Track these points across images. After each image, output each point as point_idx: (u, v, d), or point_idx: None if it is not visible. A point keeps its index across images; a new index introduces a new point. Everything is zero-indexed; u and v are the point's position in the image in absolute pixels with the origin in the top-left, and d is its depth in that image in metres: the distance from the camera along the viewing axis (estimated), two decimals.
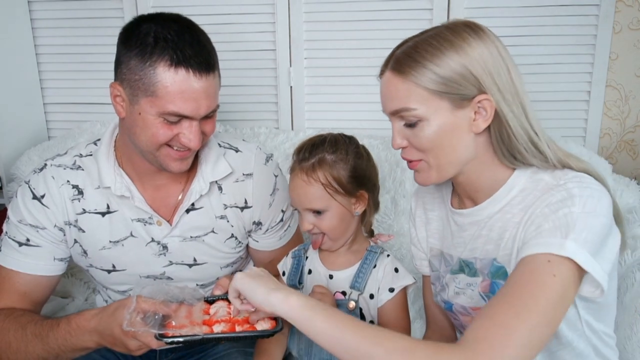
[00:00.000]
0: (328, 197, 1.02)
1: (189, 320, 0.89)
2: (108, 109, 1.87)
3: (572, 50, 1.65)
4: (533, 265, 0.78)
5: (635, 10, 1.63)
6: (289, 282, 1.14)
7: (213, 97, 1.02)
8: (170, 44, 0.96)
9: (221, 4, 1.76)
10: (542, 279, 0.76)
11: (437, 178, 0.91)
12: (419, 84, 0.85)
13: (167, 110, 0.97)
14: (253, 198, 1.19)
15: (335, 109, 1.82)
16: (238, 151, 1.21)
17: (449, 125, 0.86)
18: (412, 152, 0.91)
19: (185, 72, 0.96)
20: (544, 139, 0.89)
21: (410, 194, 1.58)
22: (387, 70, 0.90)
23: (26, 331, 1.03)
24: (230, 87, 1.77)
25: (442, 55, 0.84)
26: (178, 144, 1.02)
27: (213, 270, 1.21)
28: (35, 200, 1.11)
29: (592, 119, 1.71)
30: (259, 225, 1.22)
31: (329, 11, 1.73)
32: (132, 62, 0.98)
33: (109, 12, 1.82)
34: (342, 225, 1.06)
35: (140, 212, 1.12)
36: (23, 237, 1.11)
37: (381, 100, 0.93)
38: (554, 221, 0.80)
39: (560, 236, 0.78)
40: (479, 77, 0.84)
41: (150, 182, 1.13)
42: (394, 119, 0.91)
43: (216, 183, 1.16)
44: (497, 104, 0.85)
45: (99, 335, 0.96)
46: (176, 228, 1.14)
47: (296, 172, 1.05)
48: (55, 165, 1.14)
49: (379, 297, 1.07)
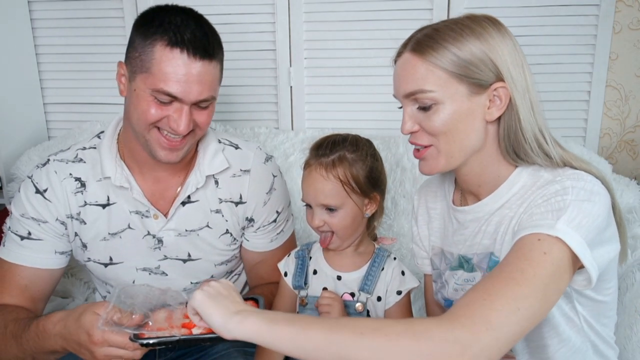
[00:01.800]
0: (344, 194, 1.03)
1: (168, 324, 0.89)
2: (108, 109, 1.89)
3: (572, 50, 1.65)
4: (522, 244, 0.77)
5: (635, 10, 1.63)
6: (294, 284, 1.13)
7: (207, 85, 1.03)
8: (172, 26, 1.00)
9: (221, 4, 1.76)
10: (531, 256, 0.75)
11: (444, 165, 0.91)
12: (439, 65, 0.85)
13: (158, 87, 0.99)
14: (248, 194, 1.19)
15: (335, 109, 1.82)
16: (238, 148, 1.21)
17: (465, 110, 0.87)
18: (423, 137, 0.90)
19: (179, 53, 0.99)
20: (550, 139, 0.89)
21: (410, 194, 1.58)
22: (406, 51, 0.89)
23: (7, 330, 1.04)
24: (230, 87, 1.77)
25: (463, 40, 0.85)
26: (167, 128, 1.03)
27: (207, 267, 1.21)
28: (38, 194, 1.12)
29: (592, 119, 1.71)
30: (251, 222, 1.22)
31: (329, 11, 1.73)
32: (136, 41, 1.03)
33: (109, 12, 1.82)
34: (352, 225, 1.06)
35: (138, 205, 1.13)
36: (25, 231, 1.12)
37: (395, 84, 0.92)
38: (546, 206, 0.80)
39: (551, 218, 0.78)
40: (498, 65, 0.86)
41: (150, 173, 1.14)
42: (406, 102, 0.90)
43: (213, 177, 1.17)
44: (511, 93, 0.86)
45: (64, 340, 0.94)
46: (171, 221, 1.15)
47: (314, 167, 1.05)
48: (58, 160, 1.15)
49: (387, 299, 1.08)
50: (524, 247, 0.77)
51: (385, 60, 1.71)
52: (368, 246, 1.12)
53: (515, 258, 0.76)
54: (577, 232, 0.76)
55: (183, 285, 1.21)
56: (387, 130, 1.75)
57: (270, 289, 1.21)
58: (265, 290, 1.22)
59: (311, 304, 1.10)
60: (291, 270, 1.15)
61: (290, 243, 1.30)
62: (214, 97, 1.07)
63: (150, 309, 0.91)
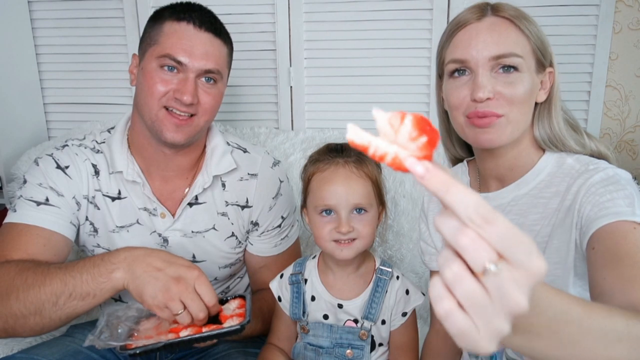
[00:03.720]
0: (373, 195, 0.97)
1: (156, 331, 0.89)
2: (108, 109, 1.89)
3: (572, 50, 1.65)
4: (622, 230, 0.77)
5: (635, 10, 1.62)
6: (292, 315, 1.07)
7: (212, 57, 1.07)
8: (181, 6, 1.09)
9: (221, 4, 1.76)
10: (638, 240, 0.76)
11: (509, 137, 0.89)
12: (528, 35, 0.88)
13: (164, 52, 1.04)
14: (254, 198, 1.19)
15: (335, 109, 1.81)
16: (246, 152, 1.22)
17: (533, 84, 0.89)
18: (500, 105, 0.87)
19: (186, 24, 1.06)
20: (582, 128, 0.95)
21: (410, 194, 1.58)
22: (490, 15, 0.90)
23: (49, 267, 0.98)
24: (230, 87, 1.76)
25: (532, 20, 0.91)
26: (173, 102, 1.05)
27: (211, 270, 1.21)
28: (59, 169, 1.12)
29: (592, 119, 1.71)
30: (256, 225, 1.22)
31: (329, 11, 1.73)
32: (147, 28, 1.10)
33: (109, 12, 1.82)
34: (373, 235, 0.99)
35: (147, 201, 1.14)
36: (42, 197, 1.09)
37: (476, 44, 0.87)
38: (611, 193, 0.81)
39: (626, 205, 0.79)
40: (551, 52, 0.92)
41: (157, 173, 1.14)
42: (486, 67, 0.87)
43: (220, 179, 1.17)
44: (556, 78, 0.91)
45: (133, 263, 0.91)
46: (178, 221, 1.15)
47: (337, 167, 0.96)
48: (77, 145, 1.16)
49: (392, 322, 1.04)
50: (624, 231, 0.77)
51: (385, 60, 1.73)
52: (369, 265, 1.06)
53: (619, 242, 0.76)
54: None
55: None
56: None
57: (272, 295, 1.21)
58: (267, 296, 1.21)
59: (313, 331, 1.05)
60: (286, 298, 1.09)
61: (295, 249, 1.30)
62: (220, 72, 1.09)
63: (137, 322, 0.91)
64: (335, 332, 1.05)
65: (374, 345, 1.06)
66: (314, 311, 1.06)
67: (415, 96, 1.75)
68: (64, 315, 0.95)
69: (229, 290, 1.30)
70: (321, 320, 1.06)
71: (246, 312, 0.93)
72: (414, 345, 1.07)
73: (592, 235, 0.80)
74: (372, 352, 1.06)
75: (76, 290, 0.93)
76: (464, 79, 0.89)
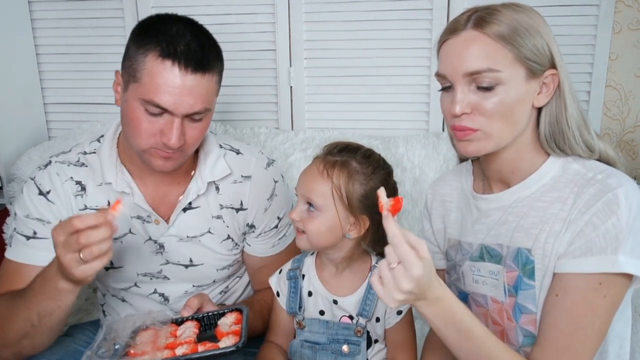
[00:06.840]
0: (330, 198, 0.98)
1: (151, 346, 0.89)
2: (108, 109, 1.89)
3: (572, 50, 1.65)
4: (584, 288, 0.84)
5: (635, 10, 1.63)
6: (288, 309, 1.09)
7: (199, 98, 1.00)
8: (166, 37, 0.98)
9: (221, 4, 1.76)
10: (595, 304, 0.83)
11: (493, 147, 0.89)
12: (515, 45, 0.85)
13: (147, 98, 0.97)
14: (249, 201, 1.19)
15: (335, 109, 1.82)
16: (239, 153, 1.20)
17: (521, 93, 0.87)
18: (475, 120, 0.87)
19: (171, 65, 0.97)
20: (592, 129, 0.92)
21: (411, 194, 1.58)
22: (467, 29, 0.87)
23: (14, 297, 1.02)
24: (230, 87, 1.77)
25: (525, 23, 0.86)
26: (160, 145, 1.01)
27: (209, 272, 1.21)
28: (41, 196, 1.12)
29: (592, 119, 1.71)
30: (252, 228, 1.21)
31: (329, 11, 1.73)
32: (130, 50, 1.01)
33: (109, 12, 1.82)
34: (327, 236, 1.00)
35: (139, 210, 1.13)
36: (30, 231, 1.11)
37: (452, 62, 0.87)
38: (604, 235, 0.82)
39: (610, 252, 0.81)
40: (553, 51, 0.88)
41: (150, 179, 1.13)
42: (463, 82, 0.86)
43: (214, 183, 1.16)
44: (561, 80, 0.88)
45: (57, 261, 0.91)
46: (172, 227, 1.14)
47: (317, 160, 1.02)
48: (60, 162, 1.15)
49: (387, 320, 1.05)
50: (587, 294, 0.83)
51: (385, 60, 1.73)
52: (363, 262, 1.07)
53: (576, 304, 0.84)
54: (633, 257, 0.82)
55: (185, 289, 1.21)
56: (387, 130, 1.75)
57: (272, 294, 1.21)
58: (266, 296, 1.22)
59: (309, 327, 1.07)
60: (284, 292, 1.11)
61: (293, 247, 1.29)
62: (209, 109, 1.04)
63: (134, 335, 0.92)
64: (331, 327, 1.06)
65: (370, 342, 1.06)
66: (311, 307, 1.08)
67: (415, 96, 1.75)
68: (48, 330, 1.02)
69: (228, 290, 1.30)
70: (317, 317, 1.07)
71: (242, 331, 0.93)
72: (411, 343, 1.07)
73: (558, 276, 0.86)
74: (369, 349, 1.06)
75: (41, 311, 0.98)
76: (449, 92, 0.90)
